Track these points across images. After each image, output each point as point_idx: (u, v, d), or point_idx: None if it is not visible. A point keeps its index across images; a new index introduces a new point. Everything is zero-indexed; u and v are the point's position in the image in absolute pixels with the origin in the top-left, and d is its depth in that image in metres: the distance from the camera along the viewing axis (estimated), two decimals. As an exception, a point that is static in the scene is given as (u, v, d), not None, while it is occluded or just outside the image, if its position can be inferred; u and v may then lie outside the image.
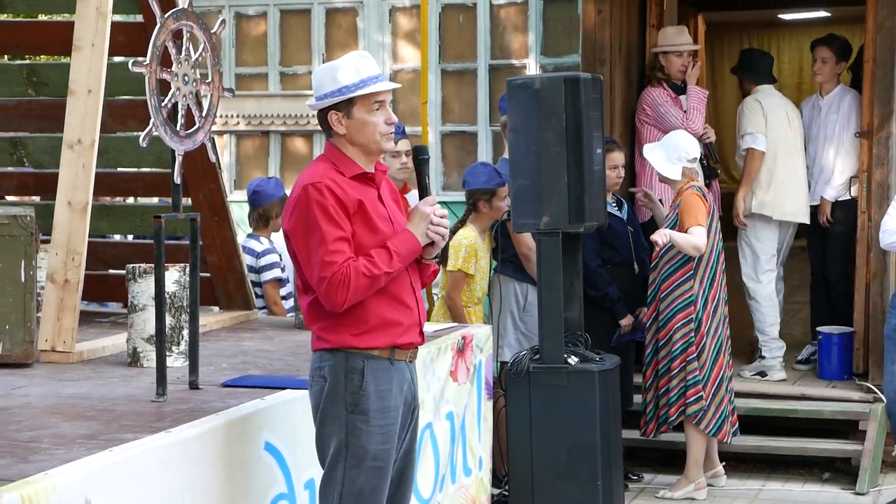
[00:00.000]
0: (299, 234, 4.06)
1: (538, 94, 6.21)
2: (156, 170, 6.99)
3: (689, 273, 7.04)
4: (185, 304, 5.27)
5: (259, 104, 10.33)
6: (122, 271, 5.68)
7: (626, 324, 7.37)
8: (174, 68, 4.69)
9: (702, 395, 7.01)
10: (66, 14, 7.47)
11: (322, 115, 4.15)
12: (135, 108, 6.36)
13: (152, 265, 4.88)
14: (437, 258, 4.26)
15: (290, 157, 10.39)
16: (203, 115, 4.84)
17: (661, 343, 7.10)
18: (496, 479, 6.83)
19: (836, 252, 8.45)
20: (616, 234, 7.36)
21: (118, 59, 6.53)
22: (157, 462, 3.86)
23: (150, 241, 5.09)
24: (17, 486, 3.34)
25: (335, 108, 4.11)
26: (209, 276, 6.73)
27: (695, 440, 7.17)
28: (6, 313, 5.32)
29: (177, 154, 4.67)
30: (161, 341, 4.73)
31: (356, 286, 3.98)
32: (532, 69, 9.68)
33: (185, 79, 4.74)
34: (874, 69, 7.96)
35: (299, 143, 10.39)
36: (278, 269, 7.41)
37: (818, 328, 8.37)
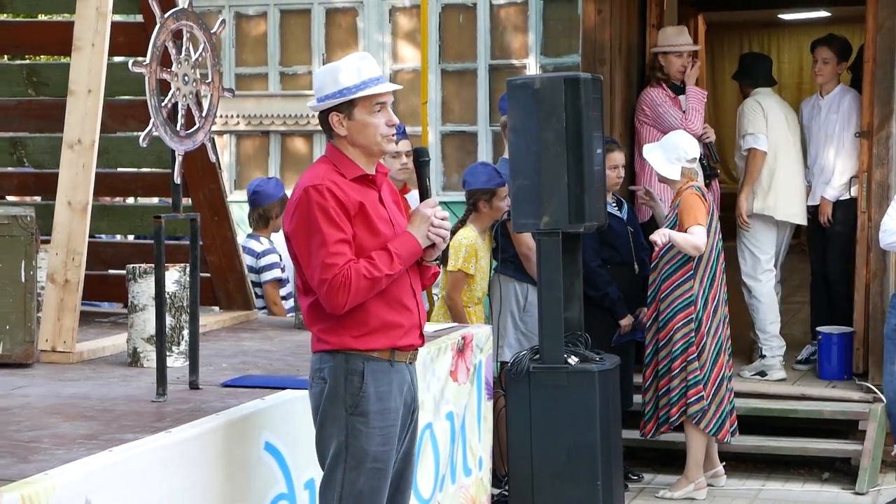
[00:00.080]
0: (300, 235, 4.06)
1: (538, 94, 6.21)
2: (156, 170, 6.99)
3: (689, 273, 7.04)
4: (185, 304, 5.28)
5: (259, 104, 10.32)
6: (122, 271, 5.68)
7: (626, 324, 7.36)
8: (174, 68, 4.69)
9: (703, 395, 7.01)
10: (66, 14, 7.46)
11: (323, 116, 4.15)
12: (135, 108, 6.36)
13: (152, 265, 4.88)
14: (437, 260, 4.26)
15: (290, 158, 10.37)
16: (203, 115, 4.84)
17: (662, 343, 7.10)
18: (496, 479, 6.83)
19: (837, 252, 8.44)
20: (616, 234, 7.36)
21: (118, 59, 6.53)
22: (157, 462, 3.86)
23: (150, 241, 5.09)
24: (17, 486, 3.34)
25: (336, 109, 4.11)
26: (209, 276, 6.73)
27: (695, 440, 7.16)
28: (6, 313, 5.32)
29: (177, 154, 4.67)
30: (161, 341, 4.73)
31: (357, 288, 3.98)
32: (532, 69, 9.66)
33: (185, 79, 4.74)
34: (874, 69, 7.96)
35: (299, 144, 10.38)
36: (278, 269, 7.41)
37: (818, 328, 8.37)
